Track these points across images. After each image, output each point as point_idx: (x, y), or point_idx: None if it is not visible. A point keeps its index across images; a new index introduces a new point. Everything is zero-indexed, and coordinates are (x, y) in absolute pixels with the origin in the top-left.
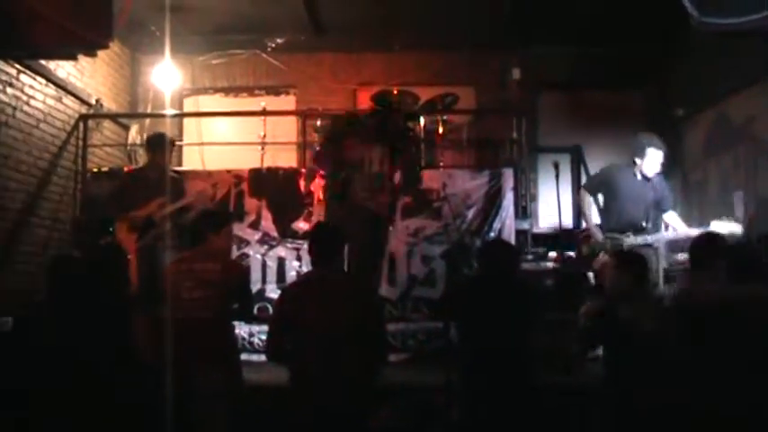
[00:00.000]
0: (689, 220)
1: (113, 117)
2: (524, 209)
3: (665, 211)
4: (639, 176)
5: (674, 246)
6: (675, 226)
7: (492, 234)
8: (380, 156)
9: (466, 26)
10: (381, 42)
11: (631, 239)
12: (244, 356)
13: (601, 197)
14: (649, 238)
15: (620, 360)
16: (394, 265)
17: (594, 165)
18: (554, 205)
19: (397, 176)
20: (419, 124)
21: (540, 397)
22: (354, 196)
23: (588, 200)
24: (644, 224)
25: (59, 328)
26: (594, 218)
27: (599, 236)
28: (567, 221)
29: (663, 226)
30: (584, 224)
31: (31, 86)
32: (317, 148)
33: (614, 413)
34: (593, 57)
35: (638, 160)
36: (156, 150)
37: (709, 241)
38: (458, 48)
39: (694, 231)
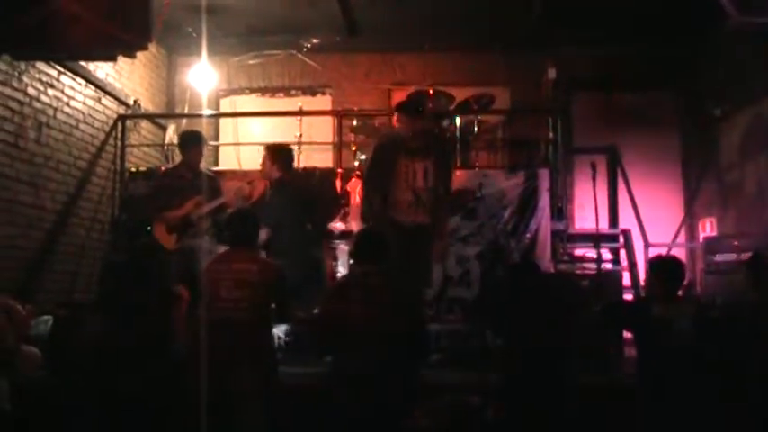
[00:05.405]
0: (724, 221)
1: (151, 117)
2: (560, 209)
3: None
4: None
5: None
6: None
7: (528, 235)
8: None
9: (500, 26)
10: (416, 43)
11: None
12: (280, 356)
13: None
14: None
15: (653, 356)
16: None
17: (630, 166)
18: (590, 206)
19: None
20: (454, 125)
21: (577, 395)
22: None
23: None
24: None
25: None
26: None
27: None
28: (604, 223)
29: None
30: None
31: (72, 87)
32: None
33: (649, 410)
34: (627, 57)
35: None
36: (188, 148)
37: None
38: (492, 48)
39: None
